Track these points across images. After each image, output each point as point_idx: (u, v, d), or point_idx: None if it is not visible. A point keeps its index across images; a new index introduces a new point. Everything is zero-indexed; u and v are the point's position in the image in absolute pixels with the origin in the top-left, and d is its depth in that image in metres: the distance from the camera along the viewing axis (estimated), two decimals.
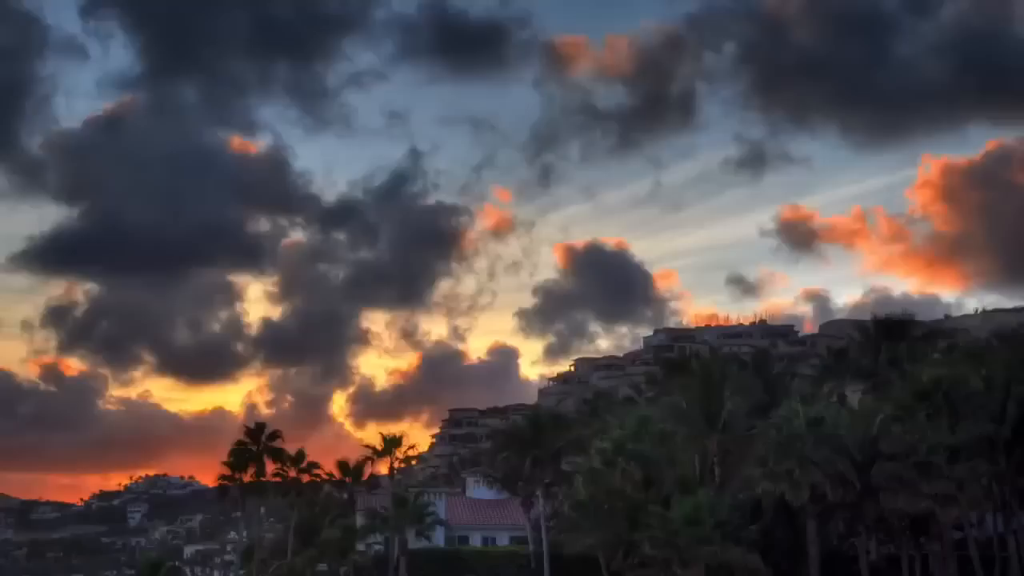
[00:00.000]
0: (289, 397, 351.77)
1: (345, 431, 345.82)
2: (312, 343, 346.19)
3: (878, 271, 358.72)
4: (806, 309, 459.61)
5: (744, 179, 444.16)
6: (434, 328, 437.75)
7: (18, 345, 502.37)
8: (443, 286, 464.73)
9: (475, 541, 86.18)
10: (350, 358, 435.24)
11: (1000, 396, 61.94)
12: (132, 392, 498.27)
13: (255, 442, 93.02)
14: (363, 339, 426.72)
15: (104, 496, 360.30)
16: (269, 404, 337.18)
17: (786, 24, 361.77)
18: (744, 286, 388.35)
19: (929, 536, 64.05)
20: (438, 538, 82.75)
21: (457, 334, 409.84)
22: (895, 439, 58.90)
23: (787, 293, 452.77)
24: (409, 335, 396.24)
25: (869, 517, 61.74)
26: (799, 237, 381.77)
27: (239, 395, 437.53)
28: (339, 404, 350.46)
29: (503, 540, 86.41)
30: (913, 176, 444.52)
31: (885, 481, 57.92)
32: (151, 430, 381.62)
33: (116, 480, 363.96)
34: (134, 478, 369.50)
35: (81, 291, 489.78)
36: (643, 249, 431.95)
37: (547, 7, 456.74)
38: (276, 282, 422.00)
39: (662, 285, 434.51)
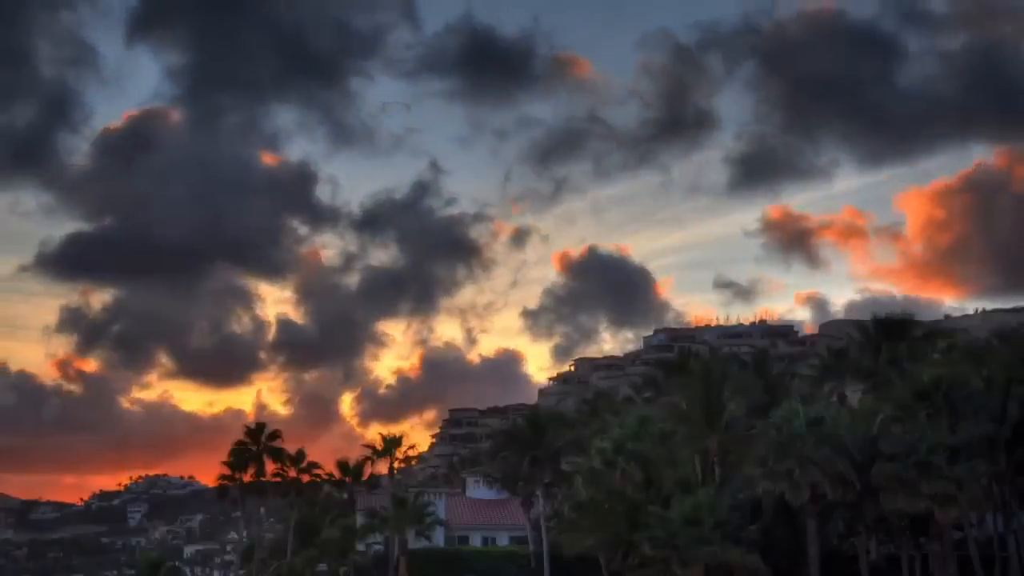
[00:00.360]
0: (306, 400, 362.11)
1: (357, 433, 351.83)
2: (330, 348, 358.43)
3: (874, 280, 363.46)
4: (803, 315, 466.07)
5: (751, 191, 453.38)
6: (447, 333, 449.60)
7: (39, 348, 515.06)
8: (457, 293, 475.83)
9: (475, 541, 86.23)
10: (366, 363, 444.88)
11: (1000, 396, 61.85)
12: (151, 394, 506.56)
13: (255, 442, 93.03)
14: (380, 344, 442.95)
15: (104, 496, 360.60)
16: (285, 405, 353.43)
17: (796, 43, 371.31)
18: (738, 290, 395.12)
19: (929, 536, 63.98)
20: (438, 538, 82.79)
21: (468, 338, 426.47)
22: (895, 439, 58.84)
23: (785, 299, 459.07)
24: (423, 341, 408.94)
25: (869, 517, 61.65)
26: (798, 245, 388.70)
27: (256, 397, 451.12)
28: (353, 407, 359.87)
29: (503, 540, 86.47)
30: (914, 188, 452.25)
31: (885, 481, 57.81)
32: (169, 432, 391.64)
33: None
34: (134, 478, 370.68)
35: (104, 296, 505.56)
36: (651, 257, 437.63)
37: (567, 26, 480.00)
38: (296, 289, 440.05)
39: (670, 291, 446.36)
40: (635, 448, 62.18)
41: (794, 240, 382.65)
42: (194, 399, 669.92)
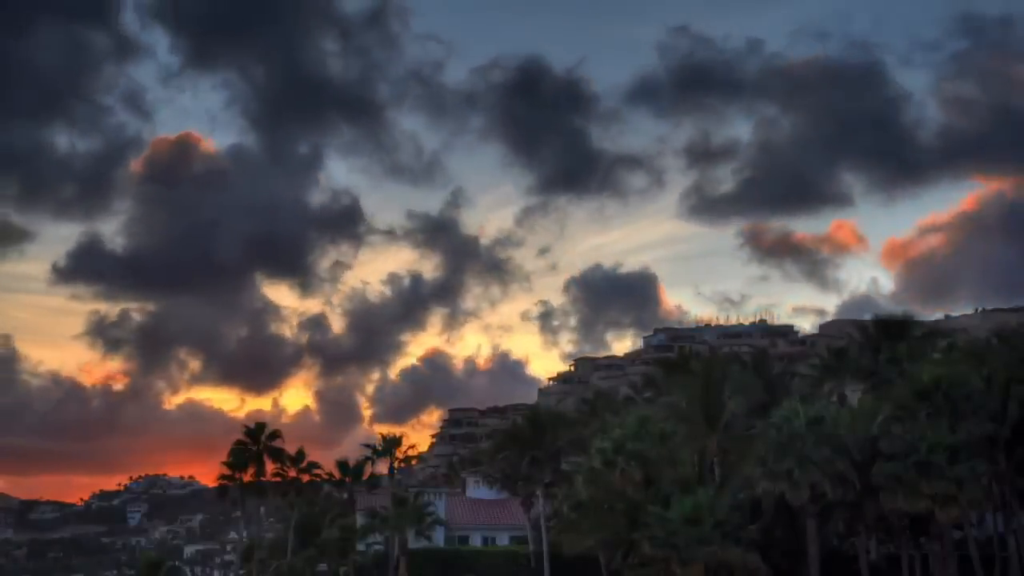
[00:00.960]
0: (333, 409, 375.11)
1: (373, 435, 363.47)
2: (361, 358, 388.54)
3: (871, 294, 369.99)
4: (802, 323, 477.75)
5: (759, 212, 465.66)
6: (470, 343, 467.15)
7: (74, 356, 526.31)
8: (480, 306, 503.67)
9: (475, 541, 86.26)
10: (394, 370, 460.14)
11: (1000, 396, 61.80)
12: (185, 398, 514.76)
13: (255, 442, 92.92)
14: (407, 355, 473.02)
15: (104, 496, 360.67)
16: (314, 411, 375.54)
17: (809, 81, 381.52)
18: (734, 301, 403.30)
19: (929, 536, 64.04)
20: (438, 538, 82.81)
21: (491, 346, 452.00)
22: (895, 439, 58.82)
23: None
24: (445, 350, 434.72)
25: (869, 517, 61.69)
26: (801, 263, 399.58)
27: (291, 402, 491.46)
28: (367, 410, 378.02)
29: (503, 540, 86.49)
30: (918, 216, 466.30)
31: (885, 481, 57.83)
32: (205, 434, 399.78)
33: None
34: (134, 478, 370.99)
35: (142, 307, 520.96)
36: (659, 267, 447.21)
37: (591, 58, 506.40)
38: (328, 301, 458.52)
39: (675, 298, 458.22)
40: (635, 448, 62.06)
41: (796, 258, 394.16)
42: (227, 405, 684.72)
